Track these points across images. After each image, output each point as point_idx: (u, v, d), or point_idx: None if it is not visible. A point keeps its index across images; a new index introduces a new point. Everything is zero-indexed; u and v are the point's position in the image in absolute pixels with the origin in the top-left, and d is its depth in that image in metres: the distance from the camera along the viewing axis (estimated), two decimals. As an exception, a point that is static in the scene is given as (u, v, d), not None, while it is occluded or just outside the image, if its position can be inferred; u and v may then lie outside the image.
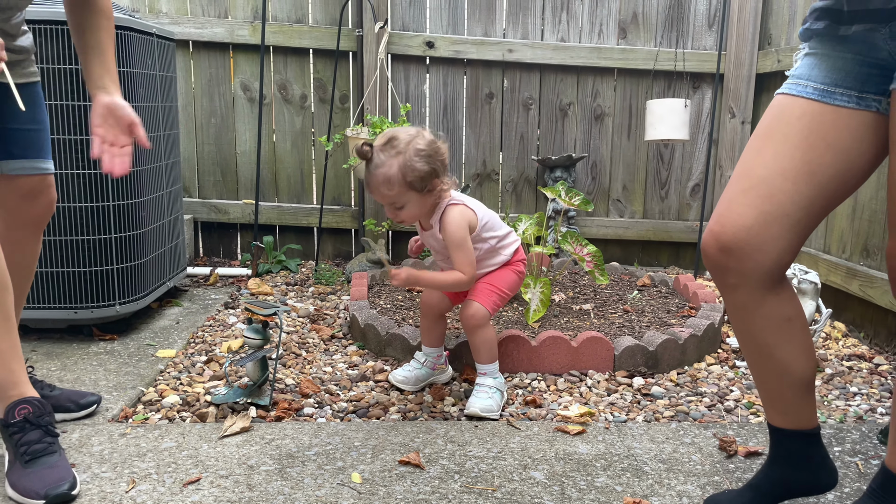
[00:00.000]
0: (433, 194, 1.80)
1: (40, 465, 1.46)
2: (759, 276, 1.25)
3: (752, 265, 1.24)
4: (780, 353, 1.30)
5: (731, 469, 1.65)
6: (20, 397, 1.50)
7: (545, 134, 3.54)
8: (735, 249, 1.24)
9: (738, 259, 1.24)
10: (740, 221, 1.23)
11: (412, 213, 1.80)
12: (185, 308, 2.75)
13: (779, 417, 1.37)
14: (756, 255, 1.23)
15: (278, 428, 1.78)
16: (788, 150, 1.23)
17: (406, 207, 1.78)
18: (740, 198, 1.25)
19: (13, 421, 1.48)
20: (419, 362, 2.06)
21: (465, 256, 1.81)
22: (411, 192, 1.75)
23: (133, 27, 2.32)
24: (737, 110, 3.42)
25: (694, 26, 3.45)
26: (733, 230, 1.24)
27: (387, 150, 1.73)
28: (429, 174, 1.75)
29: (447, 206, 1.83)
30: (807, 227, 1.25)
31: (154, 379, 2.08)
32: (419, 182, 1.74)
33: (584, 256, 2.48)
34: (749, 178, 1.25)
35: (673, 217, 3.61)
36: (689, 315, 2.57)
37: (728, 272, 1.27)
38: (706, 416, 1.94)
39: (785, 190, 1.22)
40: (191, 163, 3.47)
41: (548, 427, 1.83)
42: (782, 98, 1.29)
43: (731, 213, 1.25)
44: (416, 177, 1.73)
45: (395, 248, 3.60)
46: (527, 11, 3.43)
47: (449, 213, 1.81)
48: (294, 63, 3.43)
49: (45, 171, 1.67)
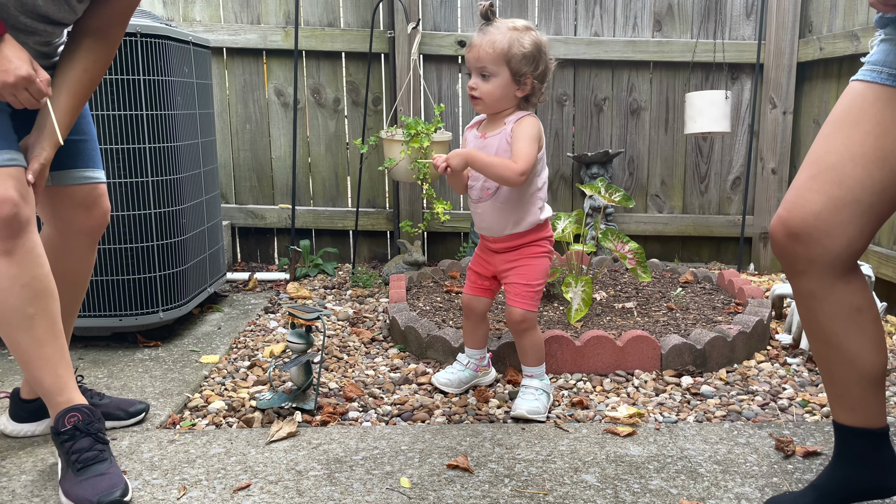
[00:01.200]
0: (521, 89, 1.77)
1: (92, 473, 1.46)
2: (827, 262, 1.22)
3: (820, 251, 1.22)
4: (848, 344, 1.26)
5: (789, 470, 1.59)
6: (69, 404, 1.51)
7: (580, 130, 3.49)
8: (803, 235, 1.23)
9: (805, 245, 1.23)
10: (808, 207, 1.22)
11: (492, 92, 1.76)
12: (225, 313, 2.76)
13: (845, 414, 1.32)
14: (824, 240, 1.21)
15: (324, 432, 1.77)
16: (859, 136, 1.20)
17: (491, 81, 1.74)
18: (809, 183, 1.23)
19: (64, 429, 1.49)
20: (462, 364, 2.04)
21: (528, 149, 1.74)
22: (505, 68, 1.73)
23: (170, 36, 2.33)
24: (778, 101, 3.34)
25: (731, 16, 3.38)
26: (801, 215, 1.23)
27: (506, 23, 1.75)
28: (530, 59, 1.73)
29: (523, 115, 1.79)
30: (880, 213, 1.22)
31: (199, 385, 2.09)
32: (518, 61, 1.72)
33: (625, 254, 2.44)
34: (818, 164, 1.23)
35: (713, 211, 3.54)
36: (735, 311, 2.50)
37: (796, 258, 1.25)
38: (760, 415, 1.89)
39: (855, 175, 1.19)
40: (227, 169, 3.49)
41: (596, 429, 1.80)
42: (856, 84, 1.25)
43: (800, 199, 1.24)
44: (519, 53, 1.72)
45: (431, 249, 3.59)
46: (559, 7, 3.38)
47: (528, 118, 1.79)
48: (327, 67, 3.44)
49: (95, 180, 1.68)
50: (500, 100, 1.78)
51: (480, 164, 1.76)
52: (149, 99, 2.26)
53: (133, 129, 2.25)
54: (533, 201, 1.85)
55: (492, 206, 1.84)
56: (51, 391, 1.50)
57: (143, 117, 2.26)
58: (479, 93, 1.77)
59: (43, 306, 1.47)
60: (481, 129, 1.87)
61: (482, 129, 1.86)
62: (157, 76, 2.28)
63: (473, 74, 1.77)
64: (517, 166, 1.72)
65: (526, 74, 1.75)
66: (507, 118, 1.80)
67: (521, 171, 1.72)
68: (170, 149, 2.34)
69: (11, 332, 1.46)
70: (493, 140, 1.81)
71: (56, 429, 1.50)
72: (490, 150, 1.80)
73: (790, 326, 2.41)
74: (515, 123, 1.78)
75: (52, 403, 1.52)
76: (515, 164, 1.72)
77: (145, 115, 2.26)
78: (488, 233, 1.89)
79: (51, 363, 1.49)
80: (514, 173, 1.72)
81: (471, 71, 1.78)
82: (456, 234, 3.56)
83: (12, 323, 1.45)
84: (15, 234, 1.42)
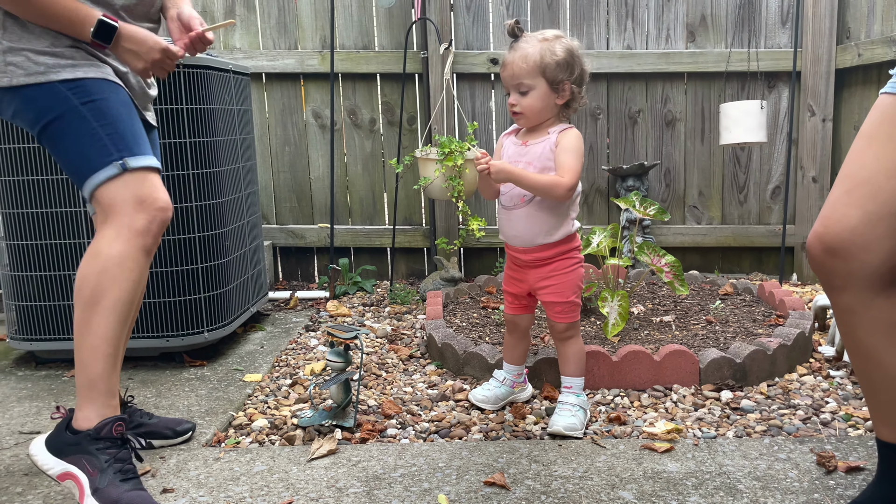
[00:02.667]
0: (560, 97, 1.78)
1: (135, 486, 1.49)
2: (866, 277, 1.22)
3: (857, 265, 1.22)
4: (890, 359, 1.25)
5: (831, 486, 1.57)
6: (116, 412, 1.55)
7: (615, 143, 3.49)
8: (840, 250, 1.23)
9: (843, 260, 1.23)
10: (844, 221, 1.22)
11: (532, 105, 1.77)
12: (268, 332, 2.83)
13: (888, 431, 1.30)
14: (862, 255, 1.21)
15: (363, 449, 1.81)
16: (891, 150, 1.20)
17: (530, 95, 1.76)
18: (844, 198, 1.23)
19: (109, 436, 1.50)
20: (498, 381, 2.06)
21: (575, 163, 1.76)
22: (542, 79, 1.75)
23: (211, 65, 2.42)
24: (816, 108, 3.29)
25: (766, 24, 3.35)
26: (837, 230, 1.23)
27: (535, 36, 1.77)
28: (564, 66, 1.75)
29: (566, 128, 1.81)
30: None
31: (243, 403, 2.15)
32: (553, 70, 1.74)
33: (662, 267, 2.43)
34: (852, 178, 1.23)
35: (753, 222, 3.50)
36: (776, 324, 2.47)
37: (834, 274, 1.25)
38: (801, 429, 1.86)
39: (890, 189, 1.19)
40: (267, 191, 3.58)
41: (634, 445, 1.80)
42: (885, 97, 1.25)
43: (835, 214, 1.24)
44: (553, 62, 1.73)
45: (467, 264, 3.62)
46: (591, 21, 3.40)
47: (572, 130, 1.81)
48: (362, 88, 3.51)
49: None
50: (541, 111, 1.80)
51: (526, 182, 1.77)
52: (191, 127, 2.35)
53: (177, 156, 2.34)
54: (569, 212, 1.86)
55: (526, 213, 1.85)
56: (103, 389, 1.52)
57: (187, 145, 2.35)
58: (520, 108, 1.79)
59: (137, 308, 1.57)
60: (520, 136, 1.88)
61: (522, 137, 1.87)
62: (199, 105, 2.37)
63: (512, 92, 1.80)
64: (565, 181, 1.75)
65: (563, 81, 1.77)
66: (551, 128, 1.82)
67: (569, 185, 1.75)
68: (212, 174, 2.42)
69: (110, 317, 1.50)
70: (535, 148, 1.82)
71: (97, 433, 1.50)
72: (531, 158, 1.82)
73: (833, 338, 2.36)
74: (560, 134, 1.80)
75: (99, 402, 1.52)
76: (563, 179, 1.75)
77: (188, 142, 2.35)
78: (517, 242, 1.89)
79: (118, 362, 1.54)
80: (563, 188, 1.75)
81: (508, 89, 1.81)
82: (492, 250, 3.58)
83: (118, 311, 1.51)
84: (159, 239, 1.58)
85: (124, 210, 1.51)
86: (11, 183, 2.34)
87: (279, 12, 3.45)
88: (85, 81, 1.49)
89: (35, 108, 1.49)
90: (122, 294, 1.51)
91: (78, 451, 1.51)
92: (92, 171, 1.51)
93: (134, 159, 1.52)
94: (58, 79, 1.48)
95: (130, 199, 1.51)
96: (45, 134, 1.52)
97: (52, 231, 2.36)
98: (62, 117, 1.49)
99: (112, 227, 1.51)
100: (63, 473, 1.51)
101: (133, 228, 1.51)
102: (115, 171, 1.50)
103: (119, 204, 1.51)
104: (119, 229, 1.51)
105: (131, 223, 1.51)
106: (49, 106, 1.49)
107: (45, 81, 1.47)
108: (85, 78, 1.49)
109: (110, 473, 1.48)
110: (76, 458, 1.50)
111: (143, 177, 1.54)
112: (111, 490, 1.47)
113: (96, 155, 1.50)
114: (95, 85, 1.51)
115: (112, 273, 1.50)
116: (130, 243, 1.51)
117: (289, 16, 3.46)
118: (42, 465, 1.54)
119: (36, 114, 1.50)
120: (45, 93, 1.48)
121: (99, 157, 1.50)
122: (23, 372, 2.45)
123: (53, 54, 1.48)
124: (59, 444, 1.54)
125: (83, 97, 1.49)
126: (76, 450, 1.51)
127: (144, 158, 1.55)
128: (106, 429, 1.51)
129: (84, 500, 1.48)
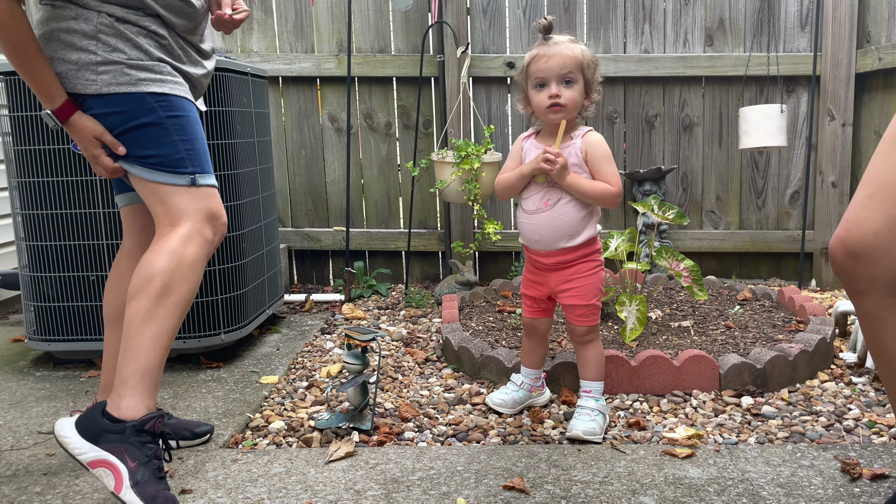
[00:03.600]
0: (588, 98, 1.83)
1: (165, 485, 1.48)
2: (889, 281, 1.21)
3: (881, 270, 1.21)
4: None
5: (856, 493, 1.55)
6: (157, 409, 1.55)
7: (632, 147, 3.48)
8: (862, 255, 1.22)
9: (866, 265, 1.22)
10: (867, 226, 1.21)
11: (574, 98, 1.79)
12: (283, 334, 2.83)
13: (913, 438, 1.28)
14: (885, 259, 1.20)
15: (381, 452, 1.80)
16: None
17: (573, 87, 1.78)
18: (866, 202, 1.23)
19: (152, 430, 1.50)
20: (516, 385, 2.04)
21: (614, 169, 1.82)
22: (581, 76, 1.79)
23: (230, 68, 2.43)
24: (836, 113, 3.26)
25: (785, 28, 3.33)
26: (860, 235, 1.22)
27: (563, 38, 1.81)
28: (596, 67, 1.82)
29: (588, 130, 1.85)
30: None
31: (259, 405, 2.14)
32: (590, 69, 1.79)
33: (680, 272, 2.41)
34: (875, 183, 1.23)
35: (772, 227, 3.47)
36: (796, 329, 2.44)
37: (857, 279, 1.24)
38: (824, 436, 1.84)
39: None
40: (283, 194, 3.59)
41: (654, 450, 1.78)
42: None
43: (858, 219, 1.23)
44: (591, 62, 1.80)
45: (483, 268, 3.61)
46: (608, 25, 3.39)
47: (594, 133, 1.84)
48: (378, 92, 3.51)
49: None
50: (577, 107, 1.82)
51: (580, 186, 1.80)
52: (210, 129, 2.36)
53: (196, 159, 2.34)
54: (592, 217, 1.86)
55: (549, 217, 1.84)
56: (154, 381, 1.54)
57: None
58: (564, 99, 1.78)
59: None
60: (541, 139, 1.88)
61: (542, 140, 1.87)
62: (218, 107, 2.38)
63: (553, 83, 1.78)
64: (615, 189, 1.81)
65: (594, 83, 1.82)
66: (573, 132, 1.84)
67: (620, 192, 1.82)
68: (230, 176, 2.43)
69: (177, 312, 1.58)
70: (568, 148, 1.82)
71: (142, 425, 1.48)
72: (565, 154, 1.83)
73: (855, 344, 2.33)
74: (584, 140, 1.82)
75: (147, 394, 1.52)
76: (613, 188, 1.80)
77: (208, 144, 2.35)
78: (539, 246, 1.88)
79: (165, 358, 1.58)
80: (614, 196, 1.81)
81: (546, 80, 1.79)
82: (507, 254, 3.57)
83: (184, 308, 1.60)
84: (217, 247, 1.69)
85: (196, 218, 1.62)
86: (30, 184, 2.35)
87: (296, 16, 3.46)
88: (171, 97, 1.61)
89: (123, 112, 1.59)
90: (188, 293, 1.60)
91: (120, 441, 1.46)
92: (165, 171, 1.60)
93: (203, 177, 1.65)
94: (147, 91, 1.58)
95: (203, 210, 1.63)
96: (128, 135, 1.60)
97: (70, 232, 2.38)
98: (148, 125, 1.59)
99: (184, 231, 1.61)
100: (97, 461, 1.45)
101: (204, 236, 1.63)
102: (185, 183, 1.62)
103: (192, 212, 1.62)
104: (192, 234, 1.61)
105: (203, 231, 1.63)
106: (138, 112, 1.58)
107: (136, 91, 1.58)
108: (171, 94, 1.61)
109: (150, 469, 1.46)
110: (115, 446, 1.46)
111: (210, 193, 1.67)
112: (150, 486, 1.45)
113: (172, 164, 1.61)
114: (179, 102, 1.63)
115: (184, 271, 1.58)
116: (203, 249, 1.63)
117: (306, 19, 3.47)
118: (73, 449, 1.47)
119: (123, 117, 1.59)
120: (136, 101, 1.58)
121: (175, 165, 1.61)
122: (41, 372, 2.46)
123: (144, 68, 1.58)
124: (96, 429, 1.48)
125: (169, 111, 1.61)
126: (118, 439, 1.46)
127: (211, 178, 1.68)
128: (151, 423, 1.50)
129: (122, 492, 1.44)
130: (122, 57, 1.56)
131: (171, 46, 1.64)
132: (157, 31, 1.61)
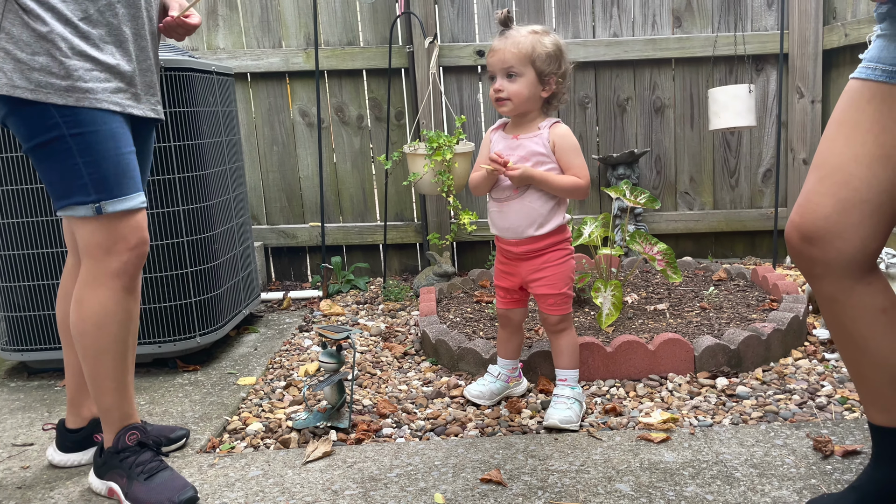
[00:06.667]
0: (546, 89, 1.81)
1: (160, 479, 1.58)
2: (843, 264, 1.22)
3: (834, 254, 1.22)
4: (875, 345, 1.25)
5: (828, 471, 1.57)
6: (130, 421, 1.63)
7: (604, 131, 3.48)
8: (816, 239, 1.23)
9: (820, 248, 1.23)
10: (818, 210, 1.23)
11: (520, 92, 1.78)
12: (261, 334, 2.82)
13: (879, 416, 1.30)
14: (837, 242, 1.21)
15: (359, 450, 1.80)
16: (860, 136, 1.20)
17: (517, 81, 1.78)
18: (817, 186, 1.24)
19: (125, 447, 1.60)
20: (493, 376, 2.05)
21: (582, 161, 1.83)
22: (530, 68, 1.77)
23: (193, 67, 2.40)
24: (805, 90, 3.28)
25: (752, 7, 3.33)
26: (812, 219, 1.23)
27: (524, 29, 1.81)
28: (553, 58, 1.79)
29: (555, 122, 1.85)
30: (891, 211, 1.20)
31: (237, 407, 2.13)
32: (542, 61, 1.77)
33: (654, 255, 2.42)
34: (824, 166, 1.24)
35: (745, 206, 3.49)
36: (770, 308, 2.47)
37: (813, 262, 1.25)
38: (797, 414, 1.86)
39: (861, 175, 1.19)
40: (257, 191, 3.56)
41: (630, 436, 1.79)
42: (853, 83, 1.24)
43: (810, 203, 1.24)
44: (543, 53, 1.77)
45: (461, 259, 3.60)
46: (576, 10, 3.38)
47: (561, 125, 1.84)
48: (349, 85, 3.48)
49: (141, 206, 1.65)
50: (527, 100, 1.80)
51: (549, 184, 1.81)
52: (176, 130, 2.33)
53: (162, 161, 2.31)
54: (561, 204, 1.87)
55: (519, 205, 1.84)
56: (117, 416, 1.61)
57: (172, 148, 2.32)
58: (507, 93, 1.79)
59: (134, 336, 1.61)
60: (509, 130, 1.89)
61: (511, 131, 1.88)
62: (183, 108, 2.34)
63: (498, 77, 1.80)
64: (584, 182, 1.82)
65: (550, 74, 1.79)
66: (540, 123, 1.84)
67: (588, 185, 1.83)
68: (198, 177, 2.40)
69: (107, 358, 1.56)
70: (527, 142, 1.83)
71: (116, 447, 1.60)
72: (524, 152, 1.83)
73: (828, 321, 2.36)
74: (551, 130, 1.82)
75: (115, 426, 1.61)
76: (581, 181, 1.82)
77: (173, 146, 2.32)
78: (508, 234, 1.88)
79: (127, 387, 1.61)
80: (584, 189, 1.83)
81: (495, 74, 1.81)
82: (484, 243, 3.57)
83: (113, 351, 1.56)
84: (140, 272, 1.58)
85: (96, 255, 1.52)
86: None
87: (262, 10, 3.42)
88: (78, 111, 1.43)
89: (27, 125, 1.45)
90: (115, 338, 1.57)
91: (110, 468, 1.63)
92: (68, 203, 1.49)
93: (111, 203, 1.48)
94: (49, 102, 1.42)
95: (103, 243, 1.51)
96: (32, 154, 1.49)
97: (39, 240, 2.34)
98: (50, 143, 1.44)
99: (89, 272, 1.54)
100: (108, 490, 1.64)
101: (108, 273, 1.52)
102: (90, 214, 1.49)
103: (92, 248, 1.51)
104: (96, 275, 1.53)
105: (106, 268, 1.52)
106: (39, 128, 1.44)
107: (37, 101, 1.41)
108: (77, 107, 1.43)
109: (136, 476, 1.58)
110: (110, 474, 1.63)
111: (119, 218, 1.51)
112: (138, 490, 1.57)
113: (76, 190, 1.47)
114: (88, 115, 1.44)
115: (100, 322, 1.54)
116: (110, 287, 1.53)
117: (272, 14, 3.43)
118: (96, 490, 1.68)
119: (28, 131, 1.45)
120: (38, 113, 1.43)
121: (77, 193, 1.47)
122: (15, 383, 2.43)
123: (50, 73, 1.41)
124: (97, 467, 1.67)
125: (73, 128, 1.44)
126: (108, 467, 1.64)
127: (122, 201, 1.50)
128: (121, 441, 1.61)
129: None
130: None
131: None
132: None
